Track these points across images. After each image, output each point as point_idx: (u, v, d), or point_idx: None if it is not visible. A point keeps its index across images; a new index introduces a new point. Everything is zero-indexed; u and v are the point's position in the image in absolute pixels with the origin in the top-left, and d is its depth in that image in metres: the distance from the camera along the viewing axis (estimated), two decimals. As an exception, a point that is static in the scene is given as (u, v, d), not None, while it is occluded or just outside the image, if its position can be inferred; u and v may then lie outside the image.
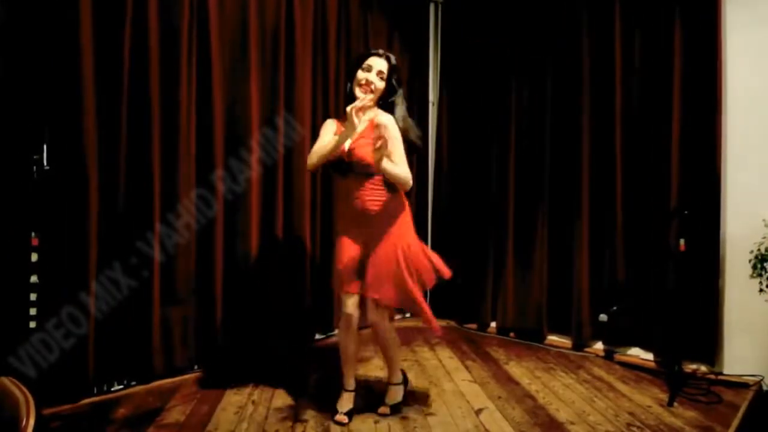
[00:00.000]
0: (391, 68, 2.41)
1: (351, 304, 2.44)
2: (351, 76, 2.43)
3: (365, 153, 2.32)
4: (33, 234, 2.56)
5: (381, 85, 2.39)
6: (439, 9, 4.61)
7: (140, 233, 2.83)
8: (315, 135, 3.64)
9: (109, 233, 2.72)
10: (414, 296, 2.38)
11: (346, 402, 2.56)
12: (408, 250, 2.40)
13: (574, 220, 3.69)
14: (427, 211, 4.58)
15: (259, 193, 3.37)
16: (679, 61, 3.24)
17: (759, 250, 2.74)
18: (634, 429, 2.48)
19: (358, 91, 2.37)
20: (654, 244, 3.34)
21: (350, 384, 2.58)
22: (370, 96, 2.36)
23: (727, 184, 3.12)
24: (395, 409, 2.58)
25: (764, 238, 2.75)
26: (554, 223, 3.84)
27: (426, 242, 4.52)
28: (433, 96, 4.62)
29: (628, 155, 3.48)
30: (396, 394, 2.62)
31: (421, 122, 4.52)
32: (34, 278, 2.56)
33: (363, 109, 2.27)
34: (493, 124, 4.15)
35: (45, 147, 2.59)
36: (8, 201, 2.46)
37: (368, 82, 2.36)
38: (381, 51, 2.44)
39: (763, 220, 2.80)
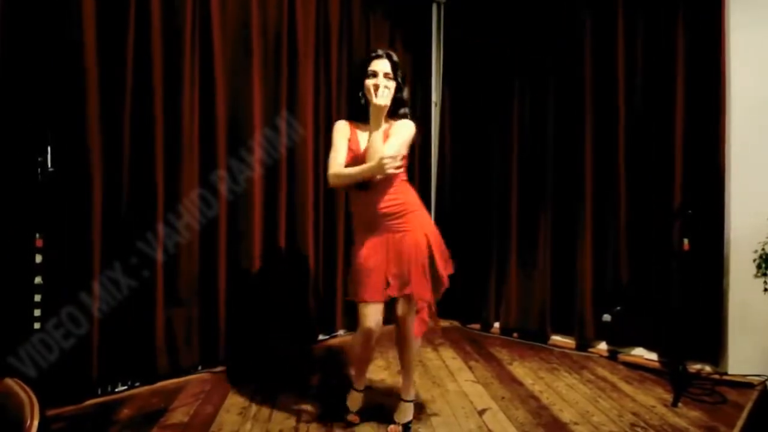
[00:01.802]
0: (394, 65, 2.33)
1: (373, 318, 2.30)
2: (359, 84, 2.34)
3: None
4: (37, 235, 2.58)
5: (392, 84, 2.30)
6: (442, 9, 4.61)
7: (144, 234, 2.84)
8: (317, 135, 3.68)
9: (113, 234, 2.74)
10: (443, 278, 2.37)
11: (356, 401, 2.55)
12: (433, 235, 2.38)
13: (578, 219, 3.68)
14: (430, 211, 4.58)
15: (261, 194, 3.38)
16: (682, 61, 3.24)
17: (764, 249, 2.73)
18: (638, 429, 2.48)
19: (373, 99, 2.21)
20: (658, 244, 3.33)
21: (361, 385, 2.56)
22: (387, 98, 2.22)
23: (731, 183, 3.11)
24: (406, 428, 2.43)
25: (768, 237, 2.74)
26: (557, 222, 3.83)
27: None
28: (435, 96, 4.62)
29: (632, 155, 3.47)
30: (408, 412, 2.45)
31: (424, 123, 4.52)
32: (38, 279, 2.57)
33: (383, 108, 2.20)
34: (495, 124, 4.15)
35: (49, 149, 2.61)
36: (13, 202, 2.47)
37: (376, 86, 2.25)
38: (381, 51, 2.35)
39: (768, 219, 2.80)
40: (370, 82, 2.28)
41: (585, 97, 3.65)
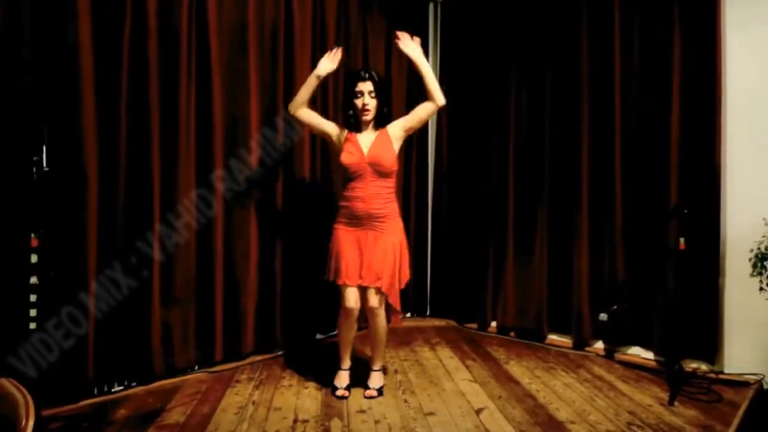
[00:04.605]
0: (377, 85, 2.73)
1: (352, 298, 2.71)
2: (349, 103, 2.78)
3: (382, 154, 2.71)
4: (33, 235, 2.56)
5: (375, 102, 2.74)
6: (438, 9, 4.61)
7: (140, 233, 2.83)
8: (315, 135, 3.67)
9: (109, 234, 2.73)
10: (395, 288, 2.73)
11: (344, 379, 2.86)
12: (400, 249, 2.77)
13: (574, 219, 3.68)
14: (427, 211, 4.58)
15: (258, 194, 3.37)
16: (679, 59, 3.24)
17: (759, 248, 2.73)
18: (635, 428, 2.48)
19: (360, 116, 2.76)
20: (654, 243, 3.34)
21: (346, 364, 2.89)
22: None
23: (726, 183, 3.12)
24: (380, 392, 2.83)
25: (764, 236, 2.74)
26: (554, 222, 3.83)
27: (426, 242, 4.55)
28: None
29: (628, 153, 3.48)
30: (379, 379, 2.89)
31: (421, 122, 4.52)
32: (33, 279, 2.56)
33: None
34: (492, 123, 4.14)
35: (44, 148, 2.59)
36: (8, 202, 2.45)
37: (364, 105, 2.73)
38: (364, 73, 2.76)
39: (764, 218, 2.80)
40: (358, 102, 2.74)
41: (581, 96, 3.65)
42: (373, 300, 2.69)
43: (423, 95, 3.28)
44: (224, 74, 3.19)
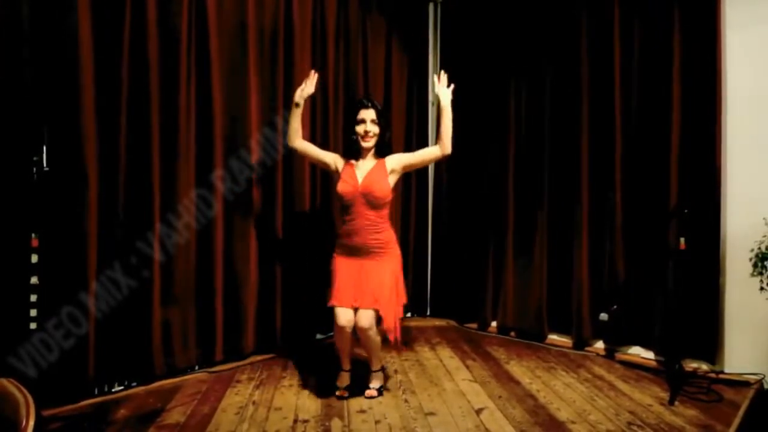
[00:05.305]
0: (378, 113, 2.83)
1: (344, 317, 2.70)
2: (351, 128, 2.85)
3: (374, 185, 2.75)
4: (33, 235, 2.56)
5: (376, 129, 2.83)
6: (438, 9, 4.61)
7: (140, 233, 2.83)
8: (313, 134, 3.69)
9: (110, 234, 2.73)
10: (393, 312, 2.75)
11: (344, 380, 2.87)
12: (396, 276, 2.83)
13: (574, 219, 3.68)
14: (427, 211, 4.58)
15: (258, 193, 3.38)
16: (678, 60, 3.24)
17: (759, 248, 2.74)
18: (635, 428, 2.48)
19: (362, 142, 2.82)
20: (654, 243, 3.34)
21: (347, 365, 2.88)
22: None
23: (727, 182, 3.12)
24: (380, 392, 2.85)
25: (765, 236, 2.74)
26: (554, 222, 3.83)
27: (426, 241, 4.55)
28: (432, 96, 4.61)
29: (628, 154, 3.48)
30: (379, 379, 2.90)
31: (421, 123, 4.52)
32: (34, 279, 2.56)
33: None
34: (492, 123, 4.15)
35: (44, 148, 2.59)
36: (8, 202, 2.45)
37: (366, 132, 2.81)
38: (367, 102, 2.86)
39: (764, 218, 2.80)
40: (360, 129, 2.81)
41: (581, 96, 3.65)
42: (364, 321, 2.67)
43: (422, 100, 3.36)
44: (224, 74, 3.19)
